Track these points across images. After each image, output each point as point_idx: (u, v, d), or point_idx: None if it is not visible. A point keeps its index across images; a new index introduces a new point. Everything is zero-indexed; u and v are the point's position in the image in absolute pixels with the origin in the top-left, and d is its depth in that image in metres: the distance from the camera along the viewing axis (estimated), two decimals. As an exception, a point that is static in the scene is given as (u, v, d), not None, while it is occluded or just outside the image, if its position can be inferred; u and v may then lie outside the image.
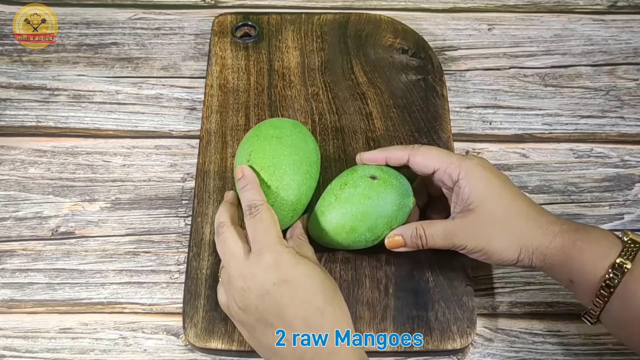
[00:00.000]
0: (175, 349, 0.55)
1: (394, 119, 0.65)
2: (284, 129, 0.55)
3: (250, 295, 0.46)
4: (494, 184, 0.51)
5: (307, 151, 0.55)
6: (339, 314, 0.47)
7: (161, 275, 0.58)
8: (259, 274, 0.46)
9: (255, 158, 0.54)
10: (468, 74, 0.72)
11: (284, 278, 0.46)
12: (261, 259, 0.47)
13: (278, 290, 0.46)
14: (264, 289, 0.46)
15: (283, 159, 0.53)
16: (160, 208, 0.62)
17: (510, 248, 0.50)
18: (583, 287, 0.48)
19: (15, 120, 0.67)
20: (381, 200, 0.52)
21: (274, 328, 0.46)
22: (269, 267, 0.46)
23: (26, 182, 0.63)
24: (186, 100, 0.69)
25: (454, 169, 0.51)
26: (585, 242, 0.48)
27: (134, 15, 0.76)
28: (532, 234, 0.49)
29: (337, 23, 0.72)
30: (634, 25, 0.77)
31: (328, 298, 0.47)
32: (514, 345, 0.56)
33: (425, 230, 0.51)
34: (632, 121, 0.69)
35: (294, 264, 0.47)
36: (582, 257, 0.48)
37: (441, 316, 0.54)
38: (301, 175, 0.54)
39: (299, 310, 0.45)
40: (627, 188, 0.65)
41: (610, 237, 0.48)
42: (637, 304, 0.46)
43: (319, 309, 0.46)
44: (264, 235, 0.48)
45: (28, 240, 0.60)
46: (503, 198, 0.50)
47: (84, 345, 0.55)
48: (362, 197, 0.52)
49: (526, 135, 0.68)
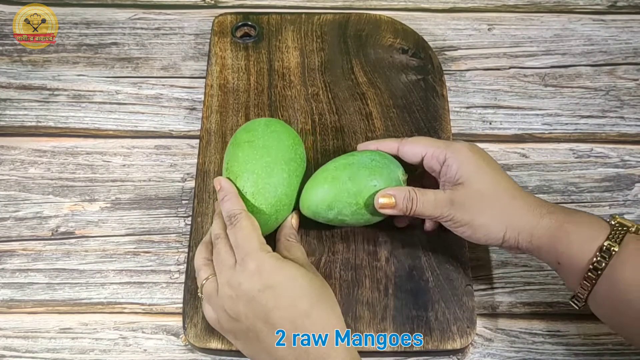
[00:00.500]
0: (175, 349, 0.55)
1: (394, 119, 0.65)
2: (255, 132, 0.55)
3: (239, 303, 0.47)
4: (481, 164, 0.52)
5: (280, 150, 0.54)
6: (326, 315, 0.47)
7: (161, 275, 0.59)
8: (244, 282, 0.47)
9: (232, 167, 0.53)
10: (468, 74, 0.72)
11: (267, 284, 0.46)
12: (245, 267, 0.47)
13: (263, 296, 0.46)
14: (250, 296, 0.46)
15: (255, 164, 0.53)
16: (160, 208, 0.62)
17: (496, 225, 0.50)
18: (570, 269, 0.48)
19: (15, 120, 0.67)
20: (364, 156, 0.54)
21: (264, 333, 0.46)
22: (252, 274, 0.46)
23: (26, 182, 0.63)
24: (186, 100, 0.69)
25: (441, 152, 0.52)
26: (573, 224, 0.48)
27: (134, 15, 0.76)
28: (519, 214, 0.50)
29: (337, 23, 0.72)
30: (634, 25, 0.77)
31: (314, 300, 0.47)
32: (514, 345, 0.56)
33: (418, 195, 0.52)
34: (632, 121, 0.69)
35: (276, 268, 0.47)
36: (570, 239, 0.48)
37: (441, 316, 0.54)
38: (276, 177, 0.53)
39: (285, 314, 0.46)
40: (627, 188, 0.65)
41: (598, 221, 0.49)
42: (624, 287, 0.46)
43: (305, 312, 0.46)
44: (245, 243, 0.48)
45: (28, 240, 0.60)
46: (491, 176, 0.51)
47: (84, 345, 0.55)
48: (346, 155, 0.55)
49: (526, 135, 0.68)
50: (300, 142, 0.57)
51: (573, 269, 0.48)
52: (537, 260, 0.60)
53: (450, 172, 0.52)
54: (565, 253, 0.48)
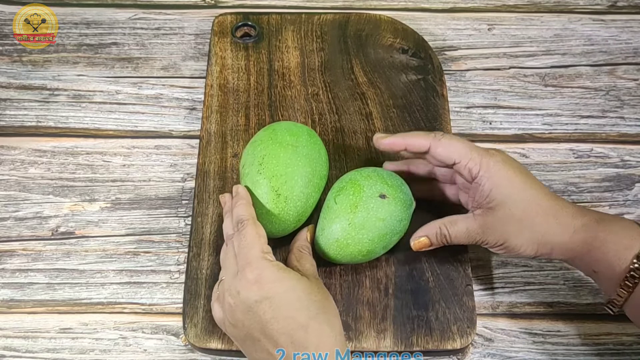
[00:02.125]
0: (175, 349, 0.55)
1: (394, 119, 0.65)
2: (300, 138, 0.55)
3: (237, 311, 0.47)
4: (514, 182, 0.50)
5: (319, 164, 0.55)
6: (324, 330, 0.46)
7: (161, 275, 0.58)
8: (242, 291, 0.46)
9: (269, 163, 0.53)
10: (468, 74, 0.72)
11: (265, 295, 0.46)
12: (244, 275, 0.46)
13: (260, 307, 0.45)
14: (247, 306, 0.46)
15: (297, 170, 0.53)
16: (160, 208, 0.62)
17: (529, 245, 0.50)
18: (607, 277, 0.49)
19: (15, 120, 0.67)
20: (394, 219, 0.52)
21: (261, 343, 0.46)
22: (251, 284, 0.46)
23: (26, 182, 0.63)
24: (186, 100, 0.69)
25: (474, 165, 0.51)
26: (608, 233, 0.48)
27: (134, 15, 0.76)
28: (552, 232, 0.49)
29: (337, 23, 0.72)
30: (634, 25, 0.77)
31: (312, 313, 0.46)
32: (514, 345, 0.56)
33: (449, 230, 0.52)
34: (632, 121, 0.69)
35: (275, 279, 0.46)
36: (605, 248, 0.48)
37: (441, 316, 0.54)
38: (311, 189, 0.54)
39: (282, 326, 0.45)
40: (627, 188, 0.65)
41: (634, 228, 0.48)
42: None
43: (303, 326, 0.45)
44: (247, 251, 0.47)
45: (28, 240, 0.60)
46: (523, 197, 0.50)
47: (84, 345, 0.55)
48: (376, 220, 0.52)
49: (526, 135, 0.68)
50: (327, 157, 0.58)
51: (609, 276, 0.48)
52: (537, 260, 0.60)
53: (482, 192, 0.51)
54: (601, 262, 0.48)
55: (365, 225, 0.51)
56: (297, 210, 0.53)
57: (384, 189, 0.52)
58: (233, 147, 0.63)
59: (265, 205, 0.52)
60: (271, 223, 0.53)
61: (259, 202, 0.53)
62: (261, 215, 0.53)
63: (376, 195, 0.52)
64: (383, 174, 0.54)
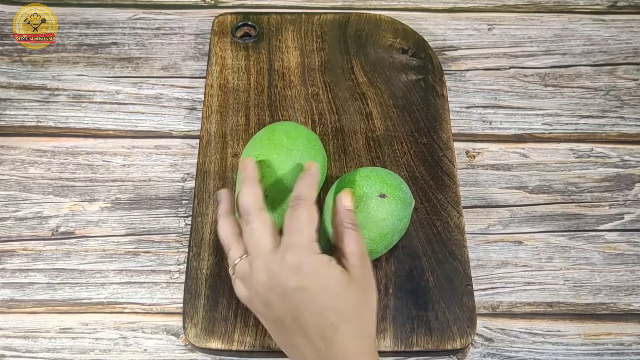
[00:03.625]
0: (175, 349, 0.55)
1: (394, 119, 0.65)
2: (297, 141, 0.54)
3: (272, 292, 0.45)
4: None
5: None
6: (355, 333, 0.45)
7: (161, 275, 0.59)
8: (281, 272, 0.45)
9: (262, 164, 0.53)
10: (468, 74, 0.72)
11: (302, 285, 0.44)
12: (286, 257, 0.45)
13: (296, 296, 0.44)
14: (283, 290, 0.45)
15: (288, 174, 0.53)
16: (160, 208, 0.62)
17: None
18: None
19: (15, 120, 0.67)
20: (395, 218, 0.52)
21: (291, 330, 0.45)
22: (290, 269, 0.44)
23: (26, 182, 0.63)
24: (186, 100, 0.69)
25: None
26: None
27: (134, 15, 0.76)
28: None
29: (337, 23, 0.72)
30: (634, 25, 0.77)
31: (344, 315, 0.44)
32: (514, 345, 0.56)
33: None
34: (632, 121, 0.69)
35: (315, 273, 0.45)
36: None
37: (441, 316, 0.54)
38: None
39: (313, 321, 0.44)
40: (627, 188, 0.65)
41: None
42: None
43: (333, 325, 0.44)
44: (297, 234, 0.46)
45: (28, 240, 0.60)
46: None
47: (84, 345, 0.55)
48: (377, 220, 0.51)
49: (526, 135, 0.68)
50: (327, 163, 0.57)
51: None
52: (537, 260, 0.60)
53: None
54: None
55: (366, 225, 0.51)
56: (282, 214, 0.52)
57: (384, 189, 0.52)
58: (233, 147, 0.63)
59: None
60: None
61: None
62: None
63: (376, 195, 0.52)
64: (382, 174, 0.54)
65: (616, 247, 0.61)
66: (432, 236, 0.58)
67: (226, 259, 0.56)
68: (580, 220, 0.63)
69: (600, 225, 0.62)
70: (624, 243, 0.62)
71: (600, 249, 0.61)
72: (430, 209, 0.59)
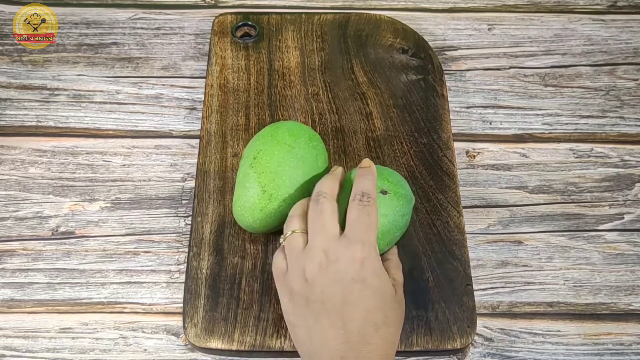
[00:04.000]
0: (175, 349, 0.55)
1: (394, 119, 0.65)
2: (299, 139, 0.54)
3: (325, 275, 0.46)
4: None
5: (313, 168, 0.54)
6: (389, 339, 0.46)
7: (161, 275, 0.59)
8: (343, 260, 0.46)
9: (261, 159, 0.53)
10: (468, 74, 0.72)
11: (362, 278, 0.46)
12: (352, 248, 0.46)
13: (351, 285, 0.45)
14: (340, 277, 0.46)
15: (287, 170, 0.53)
16: (160, 208, 0.62)
17: None
18: None
19: (15, 120, 0.67)
20: (397, 215, 0.52)
21: (328, 316, 0.45)
22: (355, 261, 0.46)
23: (26, 182, 0.63)
24: (186, 100, 0.69)
25: None
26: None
27: (134, 15, 0.76)
28: None
29: (337, 23, 0.72)
30: (634, 25, 0.77)
31: (388, 320, 0.46)
32: (514, 345, 0.56)
33: None
34: (632, 121, 0.69)
35: (376, 273, 0.47)
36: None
37: (441, 316, 0.54)
38: (299, 191, 0.53)
39: (358, 315, 0.45)
40: (627, 188, 0.65)
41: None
42: None
43: (376, 324, 0.45)
44: (366, 231, 0.47)
45: (28, 240, 0.60)
46: None
47: (84, 345, 0.55)
48: (379, 216, 0.51)
49: (526, 135, 0.68)
50: (328, 166, 0.57)
51: None
52: (537, 260, 0.60)
53: None
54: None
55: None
56: (280, 210, 0.53)
57: (385, 185, 0.52)
58: (233, 147, 0.63)
59: (251, 199, 0.53)
60: (253, 217, 0.53)
61: (247, 193, 0.53)
62: (244, 207, 0.53)
63: (377, 191, 0.52)
64: (382, 171, 0.54)
65: (616, 247, 0.61)
66: (432, 236, 0.58)
67: (226, 259, 0.56)
68: (580, 220, 0.63)
69: (600, 225, 0.62)
70: (624, 243, 0.62)
71: (600, 249, 0.61)
72: (430, 209, 0.59)
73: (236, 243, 0.57)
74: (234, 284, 0.55)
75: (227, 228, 0.58)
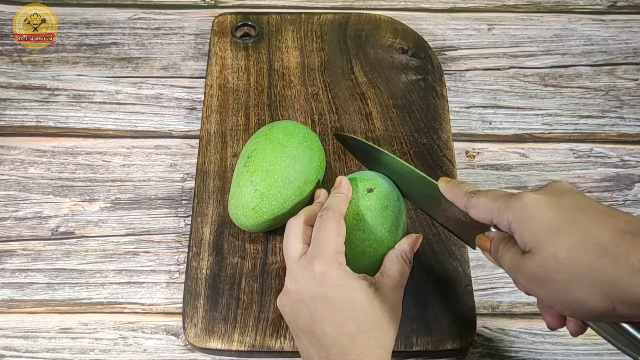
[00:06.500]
0: (175, 349, 0.55)
1: (394, 119, 0.65)
2: (293, 138, 0.54)
3: (290, 297, 0.47)
4: (553, 219, 0.38)
5: (307, 168, 0.54)
6: (371, 345, 0.44)
7: (161, 275, 0.59)
8: (302, 280, 0.46)
9: (255, 158, 0.54)
10: (468, 74, 0.72)
11: (322, 294, 0.45)
12: (309, 266, 0.46)
13: (313, 304, 0.45)
14: (301, 297, 0.46)
15: (279, 169, 0.53)
16: (160, 208, 0.62)
17: (595, 299, 0.36)
18: None
19: (15, 120, 0.67)
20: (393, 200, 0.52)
21: (303, 334, 0.46)
22: (312, 278, 0.45)
23: (26, 182, 0.63)
24: (186, 100, 0.69)
25: (502, 213, 0.41)
26: None
27: (134, 15, 0.76)
28: (628, 281, 0.35)
29: (337, 23, 0.72)
30: (634, 25, 0.77)
31: (364, 327, 0.45)
32: (514, 345, 0.56)
33: (500, 249, 0.43)
34: (631, 121, 0.69)
35: (338, 283, 0.45)
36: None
37: (441, 316, 0.54)
38: (291, 190, 0.53)
39: (328, 329, 0.44)
40: (627, 188, 0.65)
41: None
42: None
43: (350, 335, 0.44)
44: (322, 243, 0.47)
45: (28, 240, 0.60)
46: (568, 234, 0.37)
47: (84, 345, 0.55)
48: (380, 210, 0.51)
49: (526, 135, 0.68)
50: (324, 165, 0.57)
51: None
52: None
53: (519, 240, 0.40)
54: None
55: (377, 220, 0.51)
56: (271, 209, 0.53)
57: (365, 185, 0.52)
58: (233, 147, 0.63)
59: (243, 197, 0.53)
60: (245, 216, 0.53)
61: (240, 192, 0.53)
62: (238, 206, 0.53)
63: (365, 194, 0.51)
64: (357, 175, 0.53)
65: (616, 247, 0.61)
66: (432, 236, 0.58)
67: (225, 259, 0.56)
68: (580, 220, 0.62)
69: (600, 225, 0.62)
70: (623, 243, 0.61)
71: (600, 249, 0.61)
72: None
73: (236, 243, 0.57)
74: (234, 284, 0.55)
75: (226, 228, 0.58)
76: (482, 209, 0.43)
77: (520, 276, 0.40)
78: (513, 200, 0.41)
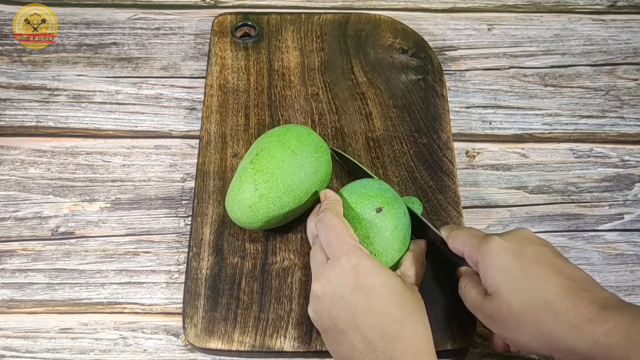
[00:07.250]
0: (175, 349, 0.55)
1: (394, 119, 0.65)
2: (304, 147, 0.54)
3: (324, 300, 0.46)
4: (512, 271, 0.45)
5: (311, 179, 0.54)
6: (420, 328, 0.44)
7: (161, 275, 0.59)
8: (334, 279, 0.45)
9: (262, 157, 0.53)
10: (468, 74, 0.72)
11: (361, 285, 0.44)
12: (338, 264, 0.45)
13: (354, 297, 0.44)
14: (339, 295, 0.45)
15: (283, 174, 0.53)
16: (160, 208, 0.62)
17: (539, 347, 0.44)
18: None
19: (15, 120, 0.67)
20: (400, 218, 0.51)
21: (346, 336, 0.44)
22: (346, 274, 0.45)
23: (26, 182, 0.63)
24: (186, 100, 0.69)
25: (474, 252, 0.48)
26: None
27: (133, 15, 0.76)
28: (563, 336, 0.42)
29: (337, 23, 0.72)
30: (634, 25, 0.77)
31: (408, 310, 0.45)
32: (514, 345, 0.56)
33: (465, 286, 0.49)
34: (631, 121, 0.69)
35: (373, 272, 0.45)
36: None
37: (441, 316, 0.54)
38: (290, 198, 0.53)
39: (374, 320, 0.44)
40: (627, 188, 0.65)
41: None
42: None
43: (398, 320, 0.44)
44: (340, 240, 0.46)
45: (28, 240, 0.60)
46: (521, 288, 0.44)
47: (84, 345, 0.55)
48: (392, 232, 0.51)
49: (526, 135, 0.68)
50: (329, 180, 0.57)
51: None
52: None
53: (483, 281, 0.47)
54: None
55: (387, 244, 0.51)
56: (267, 211, 0.53)
57: (374, 204, 0.51)
58: (233, 147, 0.63)
59: (242, 193, 0.53)
60: (241, 211, 0.53)
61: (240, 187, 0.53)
62: (235, 200, 0.53)
63: (374, 213, 0.51)
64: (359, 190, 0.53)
65: (616, 247, 0.61)
66: (432, 236, 0.58)
67: (225, 259, 0.57)
68: (580, 220, 0.63)
69: (600, 225, 0.62)
70: (623, 243, 0.62)
71: (600, 249, 0.61)
72: (430, 209, 0.59)
73: (236, 243, 0.57)
74: (234, 284, 0.55)
75: (226, 228, 0.58)
76: (460, 239, 0.50)
77: (480, 313, 0.47)
78: (483, 244, 0.47)
